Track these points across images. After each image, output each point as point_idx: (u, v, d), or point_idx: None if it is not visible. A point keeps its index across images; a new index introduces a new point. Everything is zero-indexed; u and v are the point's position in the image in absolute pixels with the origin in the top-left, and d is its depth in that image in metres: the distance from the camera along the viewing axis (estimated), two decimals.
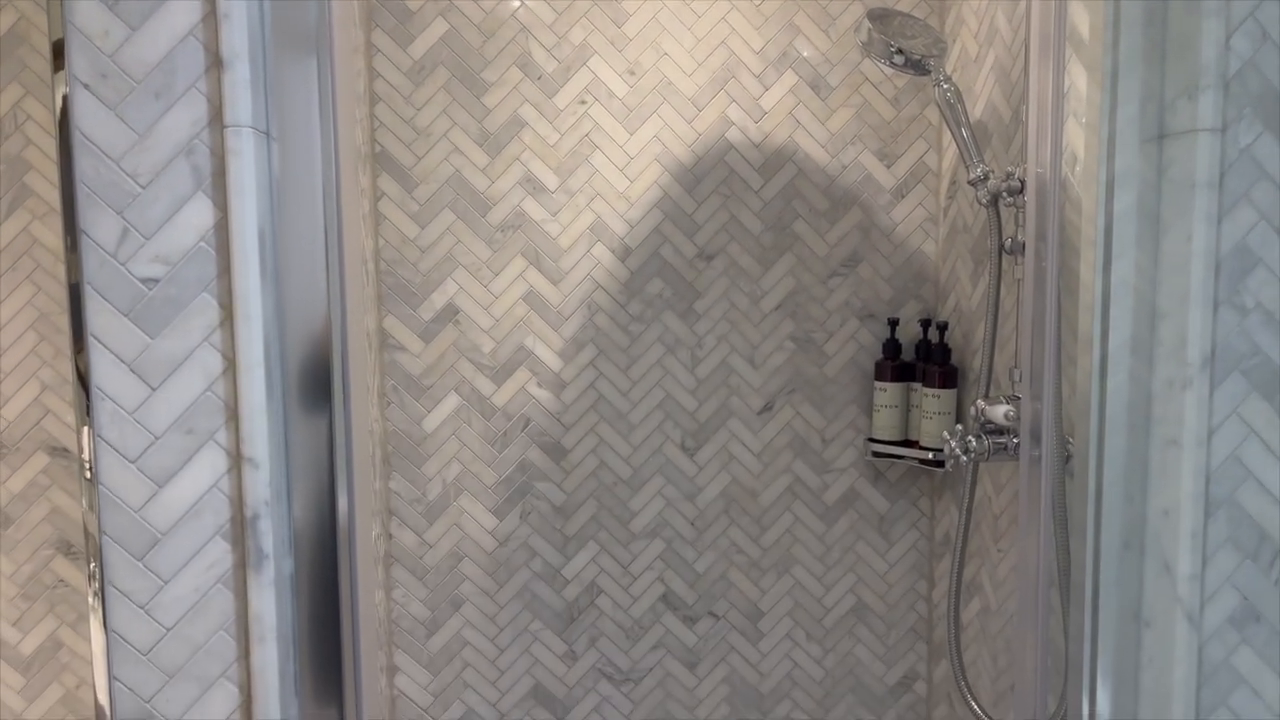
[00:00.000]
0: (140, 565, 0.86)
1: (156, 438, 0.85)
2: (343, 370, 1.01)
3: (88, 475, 0.85)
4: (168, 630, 0.86)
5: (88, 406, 0.84)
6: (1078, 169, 1.21)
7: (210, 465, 0.86)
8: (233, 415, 0.85)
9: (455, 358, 1.66)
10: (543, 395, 1.68)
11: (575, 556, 1.71)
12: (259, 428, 0.84)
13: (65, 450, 1.58)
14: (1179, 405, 0.95)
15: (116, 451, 0.84)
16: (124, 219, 0.83)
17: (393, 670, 1.68)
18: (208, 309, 0.84)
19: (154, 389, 0.85)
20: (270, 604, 0.86)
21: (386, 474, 1.66)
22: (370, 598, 1.11)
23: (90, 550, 0.86)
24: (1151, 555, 0.99)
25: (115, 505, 0.85)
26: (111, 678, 0.86)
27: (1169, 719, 0.96)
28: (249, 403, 0.84)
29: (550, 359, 1.67)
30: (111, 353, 0.84)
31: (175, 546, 0.86)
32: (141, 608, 0.86)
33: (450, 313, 1.65)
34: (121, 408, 0.84)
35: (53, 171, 1.58)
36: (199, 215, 0.83)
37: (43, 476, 1.57)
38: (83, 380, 0.84)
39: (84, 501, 0.87)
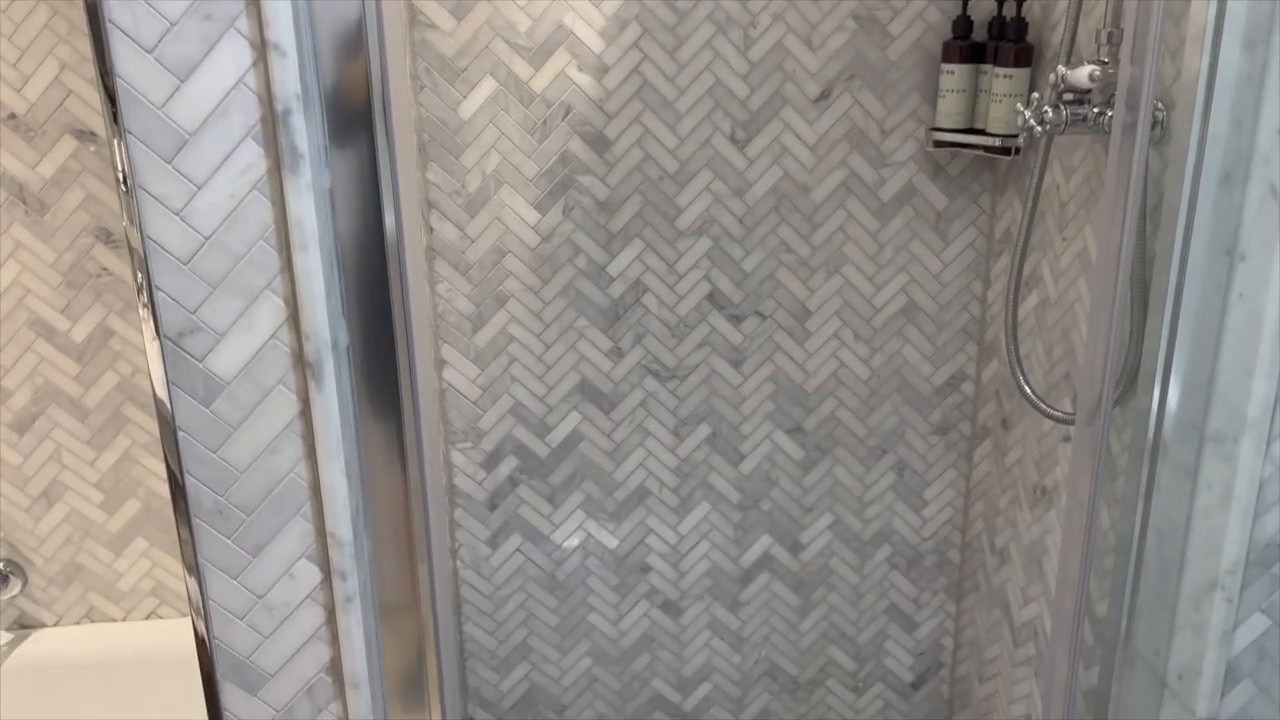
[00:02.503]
0: (170, 168, 0.81)
1: (172, 24, 0.78)
2: None
3: (104, 69, 0.79)
4: (206, 239, 0.83)
5: None
6: None
7: (233, 57, 0.79)
8: None
9: (490, 37, 1.55)
10: (583, 80, 1.58)
11: (620, 254, 1.66)
12: (281, 8, 0.76)
13: (93, 134, 1.52)
14: None
15: (129, 38, 0.78)
16: None
17: (440, 364, 1.68)
18: None
19: None
20: (309, 208, 0.81)
21: (423, 164, 1.59)
22: (413, 238, 1.07)
23: (116, 154, 0.81)
24: (1256, 182, 0.91)
25: (136, 100, 0.79)
26: (154, 287, 0.83)
27: (1255, 356, 0.92)
28: None
29: (591, 39, 1.56)
30: None
31: (205, 148, 0.81)
32: (176, 214, 0.82)
33: None
34: None
35: None
36: None
37: (73, 162, 1.53)
38: None
39: (102, 109, 0.81)
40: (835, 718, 1.92)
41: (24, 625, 1.69)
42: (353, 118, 0.89)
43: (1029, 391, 1.46)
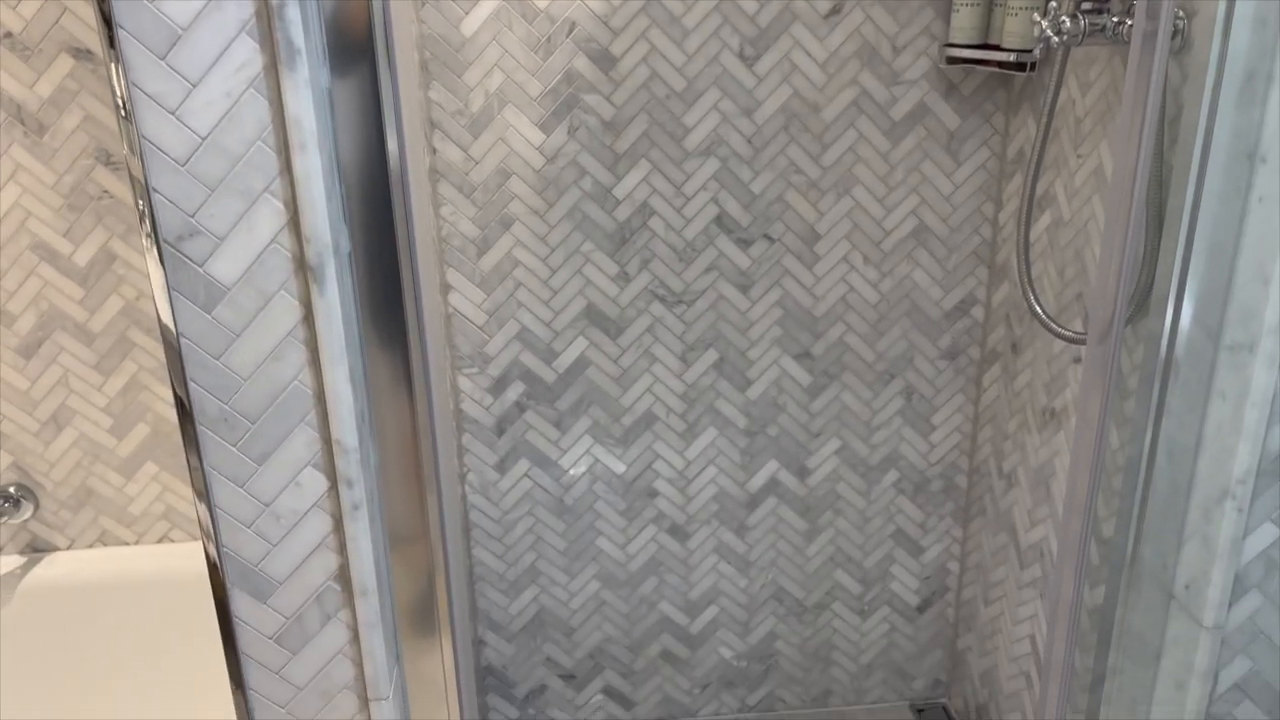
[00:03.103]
0: (164, 65, 0.79)
1: None
2: None
3: None
4: (203, 139, 0.81)
5: None
6: None
7: None
8: None
9: None
10: None
11: (626, 176, 1.64)
12: None
13: (89, 52, 1.49)
14: None
15: None
16: None
17: (446, 289, 1.67)
18: None
19: None
20: (308, 106, 0.79)
21: (425, 83, 1.56)
22: (416, 158, 1.05)
23: (109, 57, 0.79)
24: None
25: None
26: (151, 189, 0.82)
27: (1274, 260, 0.90)
28: None
29: None
30: None
31: (199, 43, 0.79)
32: (172, 113, 0.80)
33: None
34: None
35: None
36: None
37: (70, 81, 1.50)
38: None
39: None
40: (841, 641, 1.94)
41: (37, 549, 1.71)
42: (353, 33, 0.87)
43: (1040, 312, 1.44)
